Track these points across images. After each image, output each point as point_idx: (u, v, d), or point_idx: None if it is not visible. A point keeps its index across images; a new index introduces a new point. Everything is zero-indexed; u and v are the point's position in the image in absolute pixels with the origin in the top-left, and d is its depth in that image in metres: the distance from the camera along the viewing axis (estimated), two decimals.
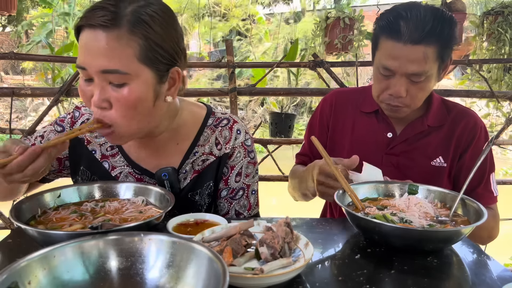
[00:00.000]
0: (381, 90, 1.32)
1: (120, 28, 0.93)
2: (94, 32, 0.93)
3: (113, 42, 0.92)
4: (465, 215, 1.05)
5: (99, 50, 0.93)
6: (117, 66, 0.93)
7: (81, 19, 0.95)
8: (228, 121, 1.22)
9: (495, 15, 2.74)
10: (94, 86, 0.96)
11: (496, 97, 2.59)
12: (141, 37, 0.95)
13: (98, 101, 0.95)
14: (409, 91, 1.27)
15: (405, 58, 1.22)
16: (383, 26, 1.27)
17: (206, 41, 11.72)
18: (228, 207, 1.22)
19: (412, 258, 0.90)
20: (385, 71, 1.27)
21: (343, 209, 0.99)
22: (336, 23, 2.74)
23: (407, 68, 1.23)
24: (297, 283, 0.79)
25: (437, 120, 1.41)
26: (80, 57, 0.96)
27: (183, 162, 1.18)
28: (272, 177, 2.68)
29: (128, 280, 0.69)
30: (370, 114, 1.47)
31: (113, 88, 0.96)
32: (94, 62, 0.93)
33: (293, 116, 4.03)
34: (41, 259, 0.66)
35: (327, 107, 1.55)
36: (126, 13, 0.94)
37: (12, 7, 2.93)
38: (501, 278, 0.83)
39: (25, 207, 0.95)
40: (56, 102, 2.55)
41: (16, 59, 2.69)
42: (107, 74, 0.94)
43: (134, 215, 0.98)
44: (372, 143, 1.44)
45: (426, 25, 1.19)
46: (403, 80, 1.25)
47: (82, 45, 0.95)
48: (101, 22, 0.92)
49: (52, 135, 1.20)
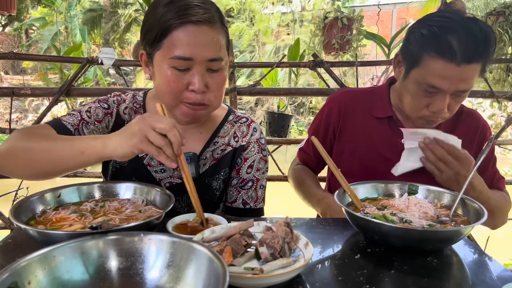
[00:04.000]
0: (422, 107, 1.27)
1: (217, 23, 1.10)
2: (200, 27, 1.07)
3: (217, 35, 1.10)
4: (465, 215, 1.05)
5: (208, 42, 1.08)
6: (220, 54, 1.10)
7: (182, 17, 1.05)
8: (247, 119, 1.35)
9: (497, 15, 2.74)
10: (192, 74, 1.09)
11: (496, 97, 2.59)
12: (225, 30, 1.14)
13: (201, 86, 1.08)
14: (449, 106, 1.25)
15: (457, 77, 1.18)
16: (428, 42, 1.20)
17: None
18: (237, 195, 1.29)
19: (412, 258, 0.90)
20: (431, 89, 1.23)
21: (343, 209, 0.99)
22: (334, 23, 2.74)
23: (458, 86, 1.20)
24: (297, 283, 0.79)
25: (450, 126, 1.39)
26: (185, 49, 1.06)
27: (204, 149, 1.27)
28: (272, 177, 2.68)
29: (128, 280, 0.69)
30: (383, 120, 1.42)
31: (210, 74, 1.11)
32: (204, 52, 1.07)
33: (288, 116, 4.04)
34: (41, 259, 0.66)
35: (335, 107, 1.50)
36: (215, 10, 1.11)
37: (12, 7, 2.93)
38: (501, 278, 0.83)
39: (25, 207, 0.95)
40: (56, 102, 2.54)
41: (16, 59, 2.69)
42: (211, 62, 1.09)
43: (134, 215, 0.98)
44: (386, 150, 1.40)
45: (479, 44, 1.16)
46: (448, 97, 1.22)
47: (189, 39, 1.06)
48: (206, 18, 1.07)
49: (99, 112, 1.21)
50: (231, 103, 2.58)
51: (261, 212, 1.33)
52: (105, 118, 1.22)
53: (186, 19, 1.05)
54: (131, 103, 1.28)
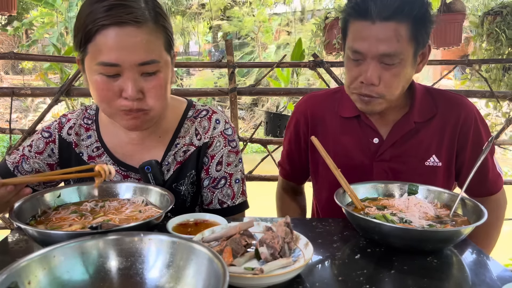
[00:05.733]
0: (353, 79, 1.21)
1: (147, 22, 1.00)
2: (125, 29, 0.97)
3: (147, 36, 1.00)
4: (465, 215, 1.05)
5: (135, 45, 0.98)
6: (153, 56, 1.01)
7: (101, 19, 0.96)
8: (207, 112, 1.25)
9: (494, 15, 2.74)
10: (124, 80, 1.00)
11: (496, 97, 2.59)
12: (162, 28, 1.05)
13: (134, 93, 1.00)
14: (382, 78, 1.17)
15: (375, 37, 1.14)
16: (351, 8, 1.19)
17: (206, 41, 11.74)
18: (211, 196, 1.23)
19: (412, 258, 0.90)
20: (355, 55, 1.18)
21: (343, 209, 0.99)
22: (334, 23, 2.74)
23: (378, 48, 1.14)
24: (297, 283, 0.79)
25: (424, 114, 1.30)
26: (109, 55, 0.97)
27: (166, 154, 1.21)
28: (272, 177, 2.68)
29: (128, 280, 0.69)
30: (351, 120, 1.34)
31: (145, 78, 1.02)
32: (131, 57, 0.98)
33: (284, 116, 4.03)
34: (41, 259, 0.66)
35: (301, 116, 1.42)
36: (147, 8, 1.01)
37: (12, 7, 2.93)
38: (501, 278, 0.83)
39: (25, 207, 0.95)
40: (56, 102, 2.55)
41: (16, 59, 2.69)
42: (143, 66, 1.00)
43: (134, 215, 0.98)
44: (359, 151, 1.33)
45: (395, 1, 1.12)
46: (375, 64, 1.16)
47: (112, 43, 0.97)
48: (132, 18, 0.97)
49: (40, 143, 1.23)
50: (231, 103, 2.58)
51: (242, 207, 1.26)
52: (46, 148, 1.23)
53: (107, 21, 0.96)
54: (79, 119, 1.26)
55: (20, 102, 9.61)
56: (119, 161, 1.21)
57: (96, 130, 1.24)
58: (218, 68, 2.74)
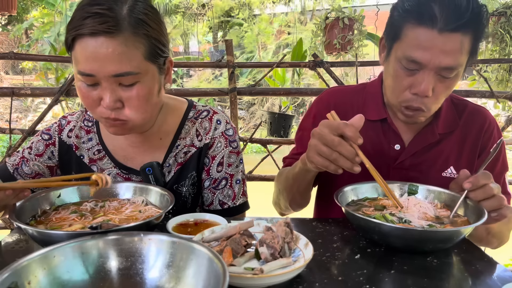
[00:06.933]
0: (403, 89, 1.13)
1: (123, 32, 0.95)
2: (98, 40, 0.93)
3: (121, 47, 0.95)
4: (465, 215, 1.05)
5: (108, 56, 0.94)
6: (128, 68, 0.96)
7: (77, 28, 0.94)
8: (208, 112, 1.24)
9: (499, 16, 2.73)
10: (102, 89, 0.99)
11: (496, 97, 2.59)
12: (144, 37, 0.98)
13: (111, 103, 0.98)
14: (435, 90, 1.09)
15: (439, 48, 1.04)
16: (409, 11, 1.07)
17: (205, 41, 11.74)
18: (212, 197, 1.23)
19: (412, 258, 0.90)
20: (411, 65, 1.08)
21: (343, 209, 0.99)
22: (335, 23, 2.74)
23: (441, 60, 1.05)
24: (297, 283, 0.79)
25: (448, 126, 1.27)
26: (84, 65, 0.96)
27: (167, 156, 1.20)
28: (272, 177, 2.68)
29: (128, 280, 0.69)
30: (375, 122, 1.28)
31: (123, 88, 0.99)
32: (104, 68, 0.95)
33: (289, 116, 4.04)
34: (41, 259, 0.66)
35: (324, 110, 1.24)
36: (124, 16, 0.95)
37: (12, 7, 2.94)
38: (501, 278, 0.83)
39: (25, 207, 0.95)
40: (56, 102, 2.55)
41: (16, 59, 2.69)
42: (118, 77, 0.97)
43: (134, 215, 0.98)
44: (377, 155, 1.26)
45: (465, 10, 1.02)
46: (432, 76, 1.07)
47: (87, 54, 0.95)
48: (105, 29, 0.93)
49: (40, 145, 1.23)
50: (231, 103, 2.59)
51: (243, 208, 1.25)
52: (46, 150, 1.22)
53: (82, 30, 0.93)
54: (79, 122, 1.25)
55: (20, 102, 9.61)
56: (120, 164, 1.21)
57: (97, 133, 1.24)
58: (218, 68, 2.74)
